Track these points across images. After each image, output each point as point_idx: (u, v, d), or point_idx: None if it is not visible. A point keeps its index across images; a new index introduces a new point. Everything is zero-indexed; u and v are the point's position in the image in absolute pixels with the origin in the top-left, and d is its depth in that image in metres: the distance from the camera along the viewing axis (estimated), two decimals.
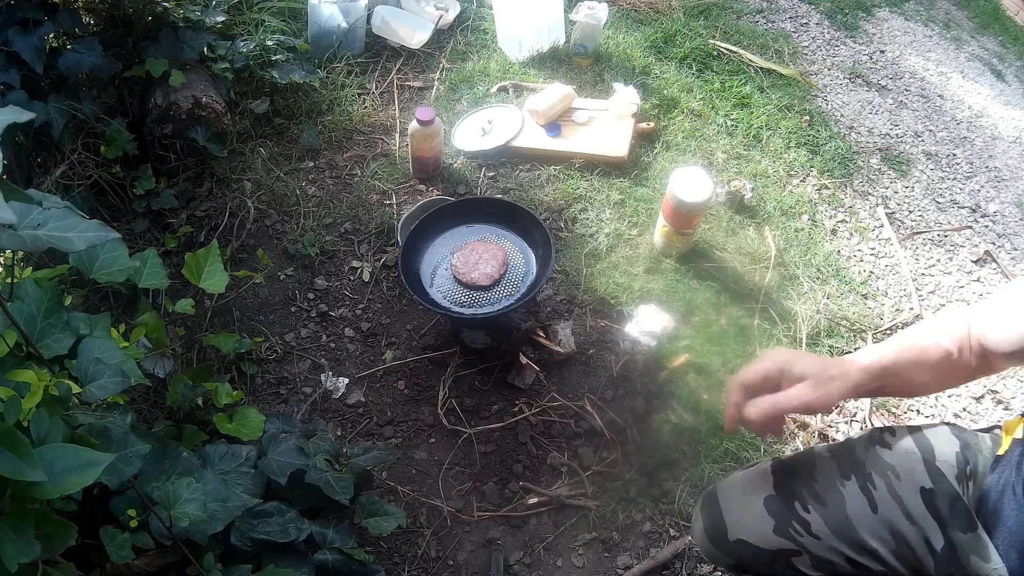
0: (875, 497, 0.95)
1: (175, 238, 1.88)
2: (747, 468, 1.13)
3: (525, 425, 1.64)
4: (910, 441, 0.98)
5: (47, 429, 0.78)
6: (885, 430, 1.01)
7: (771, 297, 1.89)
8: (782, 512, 0.99)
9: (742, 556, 1.02)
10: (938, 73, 2.82)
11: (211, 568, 1.03)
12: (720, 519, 1.04)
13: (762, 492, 1.02)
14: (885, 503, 0.94)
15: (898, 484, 0.95)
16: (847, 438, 1.06)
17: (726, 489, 1.08)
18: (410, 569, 1.46)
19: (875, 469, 0.97)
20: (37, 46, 1.69)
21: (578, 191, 2.07)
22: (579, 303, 1.85)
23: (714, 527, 1.05)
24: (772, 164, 2.24)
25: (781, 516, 0.99)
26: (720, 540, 1.04)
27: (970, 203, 2.32)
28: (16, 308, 0.93)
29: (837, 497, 0.97)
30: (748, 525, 1.01)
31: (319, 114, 2.23)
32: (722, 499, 1.06)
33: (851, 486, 0.97)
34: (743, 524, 1.02)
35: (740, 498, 1.05)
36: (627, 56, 2.48)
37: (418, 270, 1.65)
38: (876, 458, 0.98)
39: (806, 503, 0.98)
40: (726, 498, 1.06)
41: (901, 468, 0.96)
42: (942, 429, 1.00)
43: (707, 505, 1.08)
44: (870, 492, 0.96)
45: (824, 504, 0.97)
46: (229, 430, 1.27)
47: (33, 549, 0.71)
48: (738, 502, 1.05)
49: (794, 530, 0.98)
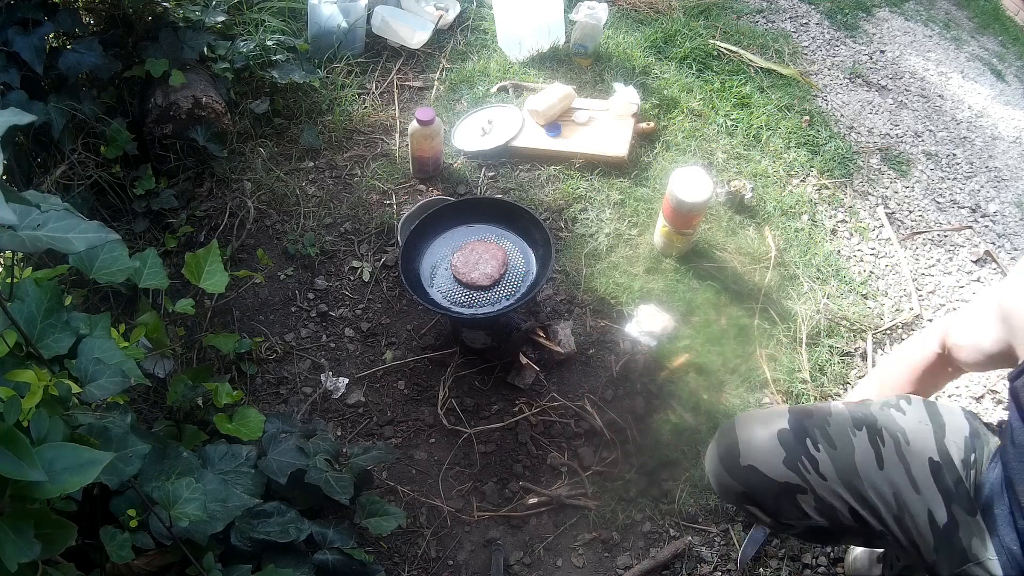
0: (883, 453, 0.98)
1: (175, 238, 1.88)
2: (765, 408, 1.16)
3: (525, 425, 1.64)
4: (924, 412, 1.01)
5: (47, 429, 0.78)
6: (902, 397, 1.05)
7: (771, 297, 1.89)
8: (793, 445, 1.02)
9: (750, 483, 1.05)
10: (938, 73, 2.82)
11: (211, 568, 1.03)
12: (735, 443, 1.08)
13: (777, 424, 1.05)
14: (892, 463, 0.97)
15: (907, 448, 0.97)
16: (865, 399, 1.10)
17: (743, 419, 1.12)
18: (410, 569, 1.46)
19: (886, 427, 1.00)
20: (37, 46, 1.69)
21: (578, 191, 2.07)
22: (579, 303, 1.85)
23: (728, 451, 1.08)
24: (772, 164, 2.24)
25: (792, 449, 1.02)
26: (732, 464, 1.07)
27: (970, 203, 2.32)
28: (16, 308, 0.93)
29: (847, 443, 1.00)
30: (760, 452, 1.05)
31: (319, 114, 2.23)
32: (738, 427, 1.10)
33: (861, 436, 1.00)
34: (755, 451, 1.05)
35: (756, 426, 1.08)
36: (627, 56, 2.48)
37: (418, 270, 1.65)
38: (889, 418, 1.01)
39: (817, 441, 1.01)
40: (742, 426, 1.10)
41: (912, 433, 0.99)
42: (956, 409, 1.02)
43: (724, 432, 1.12)
44: (878, 447, 0.98)
45: (834, 447, 1.00)
46: (229, 430, 1.28)
47: (33, 549, 0.71)
48: (753, 430, 1.08)
49: (803, 465, 1.01)
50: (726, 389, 1.72)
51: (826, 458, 1.00)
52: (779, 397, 1.71)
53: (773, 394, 1.71)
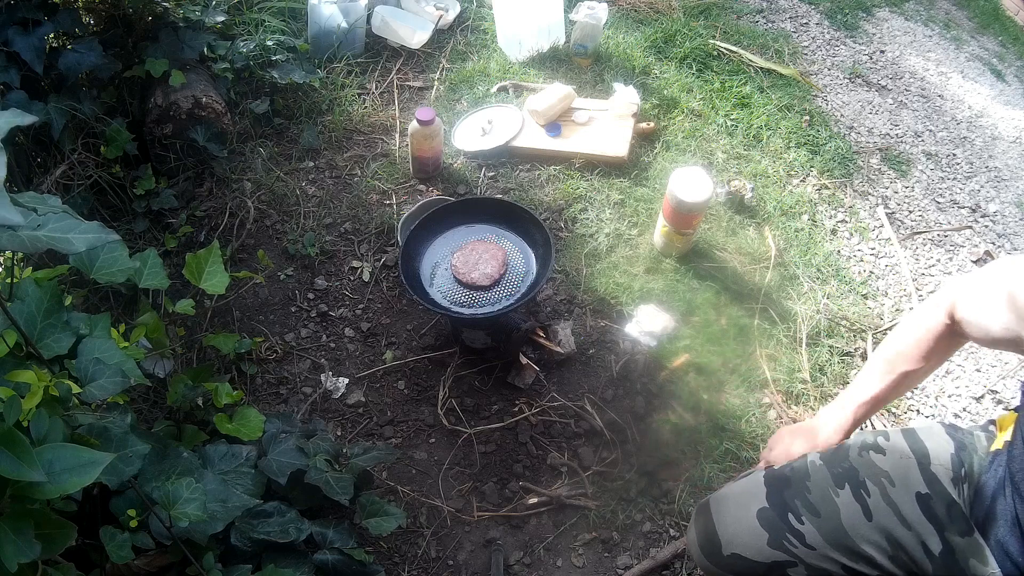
0: (869, 504, 0.95)
1: (175, 238, 1.88)
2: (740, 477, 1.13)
3: (525, 425, 1.64)
4: (904, 446, 0.98)
5: (47, 429, 0.78)
6: (879, 434, 1.01)
7: (771, 297, 1.89)
8: (776, 525, 0.99)
9: (736, 568, 1.03)
10: (938, 73, 2.82)
11: (211, 568, 1.03)
12: (714, 533, 1.05)
13: (755, 504, 1.02)
14: (880, 510, 0.94)
15: (893, 490, 0.95)
16: (840, 444, 1.06)
17: (719, 502, 1.08)
18: (410, 569, 1.46)
19: (869, 476, 0.97)
20: (37, 46, 1.69)
21: (578, 191, 2.07)
22: (579, 303, 1.85)
23: (708, 541, 1.05)
24: (772, 164, 2.24)
25: (775, 529, 0.99)
26: (715, 554, 1.04)
27: (970, 203, 2.32)
28: (16, 308, 0.93)
29: (831, 507, 0.97)
30: (742, 539, 1.02)
31: (319, 114, 2.23)
32: (715, 512, 1.06)
33: (845, 495, 0.97)
34: (737, 538, 1.02)
35: (733, 511, 1.05)
36: (627, 56, 2.48)
37: (418, 270, 1.65)
38: (870, 465, 0.98)
39: (800, 514, 0.98)
40: (719, 511, 1.06)
41: (895, 474, 0.96)
42: (937, 429, 0.99)
43: (700, 518, 1.09)
44: (864, 500, 0.96)
45: (818, 515, 0.97)
46: (229, 430, 1.27)
47: (33, 549, 0.71)
48: (731, 516, 1.05)
49: (788, 542, 0.98)
50: (726, 389, 1.72)
51: (812, 529, 0.97)
52: (779, 397, 1.71)
53: (773, 394, 1.71)
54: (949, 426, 1.00)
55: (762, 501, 1.02)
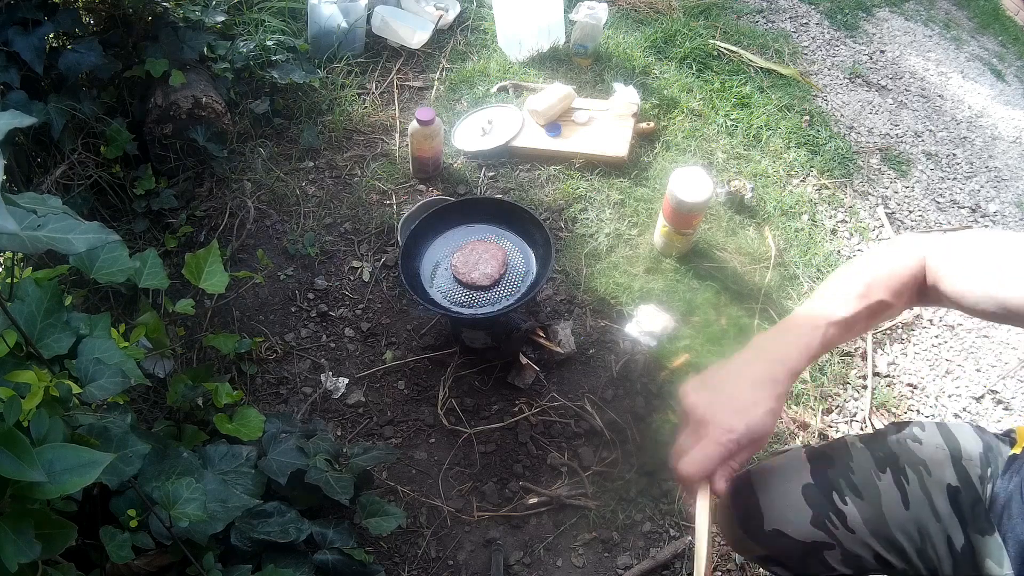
0: (908, 493, 0.93)
1: (175, 238, 1.88)
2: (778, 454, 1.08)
3: (525, 425, 1.64)
4: (939, 437, 0.96)
5: (47, 429, 0.78)
6: (914, 424, 0.99)
7: (771, 297, 1.89)
8: (820, 502, 0.95)
9: (776, 546, 0.98)
10: (938, 73, 2.82)
11: (211, 568, 1.03)
12: (756, 507, 0.99)
13: (800, 480, 0.98)
14: (916, 500, 0.93)
15: (928, 480, 0.93)
16: (877, 429, 1.04)
17: (761, 475, 1.02)
18: (410, 569, 1.46)
19: (908, 463, 0.95)
20: (37, 46, 1.69)
21: (578, 191, 2.07)
22: (579, 303, 1.85)
23: (748, 514, 1.00)
24: (772, 164, 2.24)
25: (819, 506, 0.95)
26: (755, 529, 0.99)
27: (970, 203, 2.32)
28: (16, 308, 0.93)
29: (873, 490, 0.94)
30: (786, 515, 0.97)
31: (319, 114, 2.23)
32: (758, 485, 1.00)
33: (887, 479, 0.94)
34: (780, 513, 0.97)
35: (778, 485, 0.99)
36: (627, 56, 2.48)
37: (418, 270, 1.65)
38: (908, 452, 0.96)
39: (844, 494, 0.95)
40: (763, 484, 1.00)
41: (932, 463, 0.94)
42: (966, 427, 0.98)
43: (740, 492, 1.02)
44: (903, 487, 0.93)
45: (861, 496, 0.94)
46: (229, 430, 1.27)
47: (33, 549, 0.71)
48: (776, 490, 0.99)
49: (831, 522, 0.94)
50: None
51: (854, 510, 0.94)
52: None
53: None
54: (976, 427, 0.99)
55: (807, 477, 0.97)
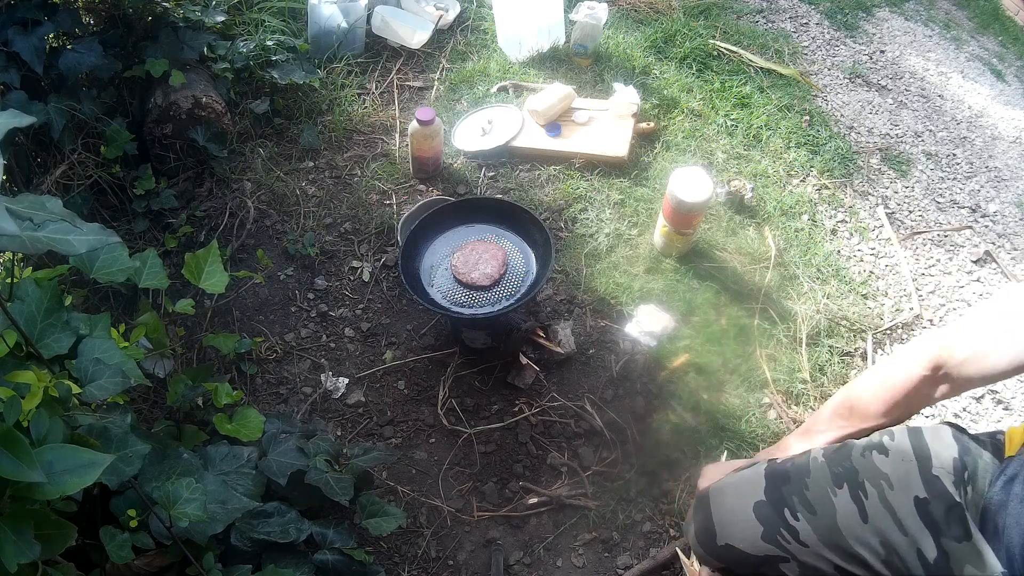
0: (866, 506, 0.94)
1: (175, 238, 1.88)
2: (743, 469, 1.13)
3: (525, 425, 1.64)
4: (908, 446, 0.96)
5: (47, 430, 0.78)
6: (885, 432, 1.00)
7: (771, 297, 1.89)
8: (771, 519, 1.00)
9: (729, 559, 1.04)
10: (938, 73, 2.82)
11: (211, 568, 1.03)
12: (710, 522, 1.06)
13: (753, 497, 1.02)
14: (876, 512, 0.94)
15: (891, 493, 0.94)
16: (846, 441, 1.04)
17: (718, 492, 1.09)
18: (410, 569, 1.46)
19: (868, 478, 0.96)
20: (37, 46, 1.69)
21: (578, 191, 2.07)
22: (579, 303, 1.85)
23: (704, 530, 1.06)
24: (772, 164, 2.24)
25: (770, 523, 0.99)
26: (709, 544, 1.05)
27: (970, 203, 2.32)
28: (16, 308, 0.93)
29: (827, 506, 0.97)
30: (736, 530, 1.02)
31: (319, 114, 2.23)
32: (713, 502, 1.07)
33: (842, 494, 0.96)
34: (732, 529, 1.03)
35: (731, 502, 1.05)
36: (627, 56, 2.48)
37: (418, 270, 1.65)
38: (870, 466, 0.97)
39: (795, 511, 0.98)
40: (717, 501, 1.07)
41: (895, 476, 0.94)
42: (944, 431, 0.97)
43: (699, 508, 1.10)
44: (861, 501, 0.95)
45: (814, 512, 0.97)
46: (229, 430, 1.27)
47: (33, 549, 0.71)
48: (728, 507, 1.05)
49: (782, 537, 0.98)
50: (726, 389, 1.72)
51: (806, 526, 0.97)
52: (779, 397, 1.71)
53: (773, 394, 1.71)
54: (955, 428, 0.98)
55: (760, 494, 1.02)
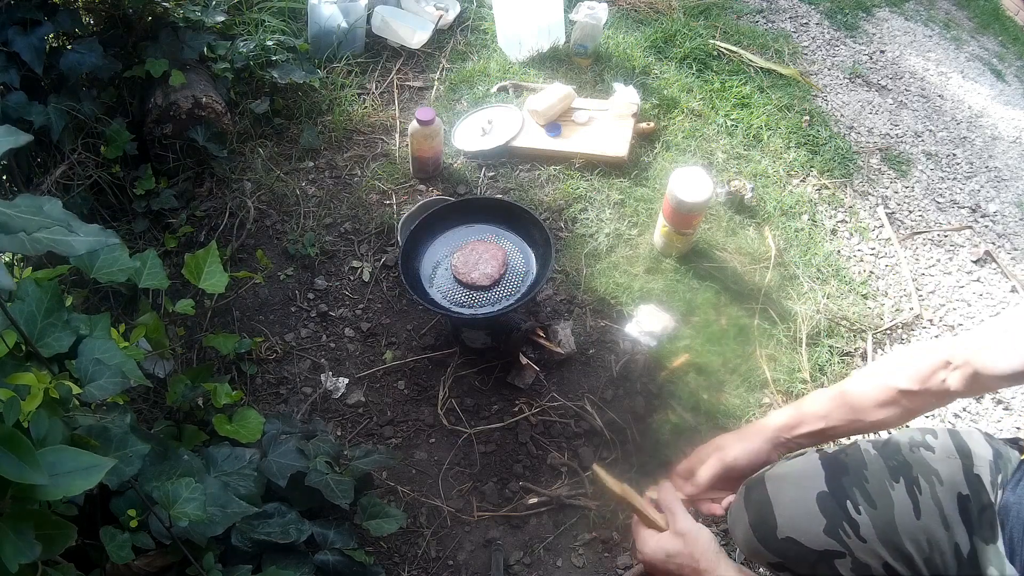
0: (920, 503, 0.93)
1: (175, 238, 1.88)
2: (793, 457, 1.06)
3: (525, 425, 1.64)
4: (950, 445, 0.97)
5: (47, 430, 0.78)
6: (927, 431, 1.00)
7: (771, 297, 1.89)
8: (834, 511, 0.96)
9: (788, 554, 0.98)
10: (938, 73, 2.82)
11: (211, 568, 1.03)
12: (770, 514, 0.99)
13: (815, 487, 0.98)
14: (928, 509, 0.93)
15: (941, 489, 0.93)
16: (890, 436, 1.03)
17: (776, 481, 1.02)
18: (410, 569, 1.46)
19: (922, 473, 0.95)
20: (37, 46, 1.69)
21: (578, 191, 2.07)
22: (579, 303, 1.85)
23: (762, 522, 1.00)
24: (772, 164, 2.24)
25: (833, 515, 0.96)
26: (768, 537, 0.99)
27: (970, 203, 2.32)
28: (16, 308, 0.93)
29: (886, 499, 0.95)
30: (799, 523, 0.97)
31: (319, 114, 2.23)
32: (772, 492, 1.01)
33: (899, 488, 0.94)
34: (794, 520, 0.98)
35: (792, 492, 1.00)
36: (627, 56, 2.48)
37: (418, 270, 1.65)
38: (921, 461, 0.96)
39: (858, 503, 0.95)
40: (777, 491, 1.00)
41: (944, 472, 0.94)
42: (976, 434, 0.98)
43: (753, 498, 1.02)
44: (916, 497, 0.94)
45: (875, 506, 0.95)
46: (229, 431, 1.27)
47: (33, 550, 0.71)
48: (790, 496, 0.99)
49: (843, 531, 0.95)
50: (726, 389, 1.72)
51: (867, 520, 0.94)
52: (779, 397, 1.71)
53: (773, 394, 1.71)
54: (985, 434, 0.99)
55: (822, 485, 0.98)
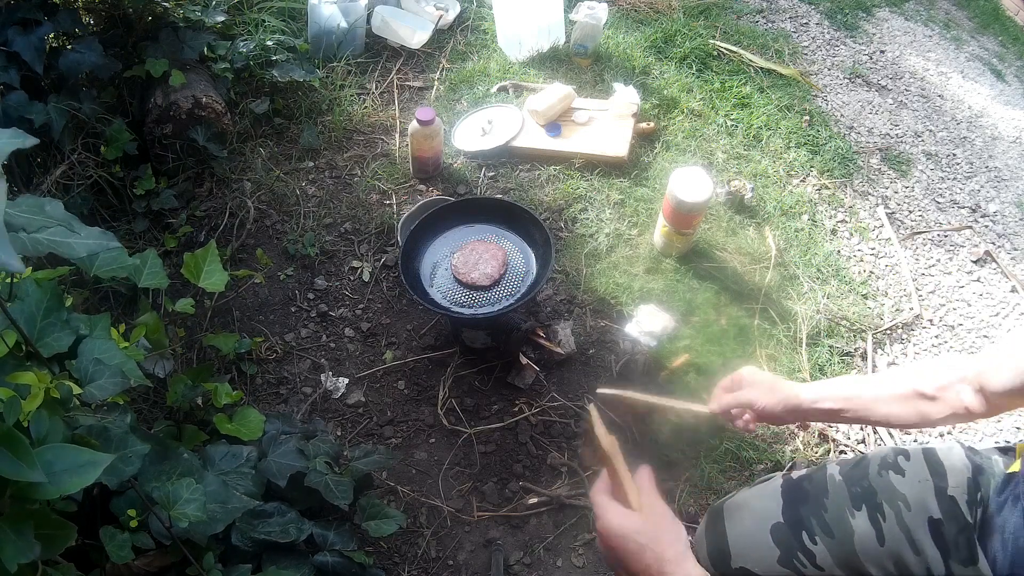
0: (883, 529, 0.93)
1: (175, 238, 1.88)
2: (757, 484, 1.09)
3: (525, 425, 1.64)
4: (923, 467, 0.96)
5: (47, 430, 0.78)
6: (899, 452, 0.99)
7: (771, 297, 1.89)
8: (789, 542, 0.97)
9: None
10: (938, 73, 2.82)
11: (211, 568, 1.03)
12: (725, 543, 1.02)
13: (770, 518, 0.99)
14: (893, 535, 0.93)
15: (908, 515, 0.93)
16: (862, 457, 1.03)
17: (733, 511, 1.05)
18: (410, 569, 1.46)
19: (886, 499, 0.95)
20: (37, 46, 1.69)
21: (578, 191, 2.07)
22: (579, 303, 1.85)
23: (718, 551, 1.03)
24: (772, 164, 2.24)
25: (787, 546, 0.97)
26: (723, 564, 1.02)
27: (970, 203, 2.32)
28: (16, 308, 0.93)
29: (846, 528, 0.95)
30: (753, 553, 0.99)
31: (319, 114, 2.23)
32: (728, 522, 1.03)
33: (860, 516, 0.94)
34: (748, 552, 1.00)
35: (747, 523, 1.02)
36: (627, 56, 2.48)
37: (418, 270, 1.65)
38: (888, 486, 0.96)
39: (814, 533, 0.96)
40: (732, 521, 1.03)
41: (912, 497, 0.94)
42: (956, 451, 0.97)
43: (712, 527, 1.05)
44: (879, 524, 0.94)
45: (832, 535, 0.95)
46: (229, 430, 1.27)
47: (33, 549, 0.71)
48: (744, 527, 1.02)
49: (798, 561, 0.96)
50: None
51: (823, 549, 0.95)
52: None
53: None
54: (968, 449, 0.98)
55: (777, 516, 0.99)
